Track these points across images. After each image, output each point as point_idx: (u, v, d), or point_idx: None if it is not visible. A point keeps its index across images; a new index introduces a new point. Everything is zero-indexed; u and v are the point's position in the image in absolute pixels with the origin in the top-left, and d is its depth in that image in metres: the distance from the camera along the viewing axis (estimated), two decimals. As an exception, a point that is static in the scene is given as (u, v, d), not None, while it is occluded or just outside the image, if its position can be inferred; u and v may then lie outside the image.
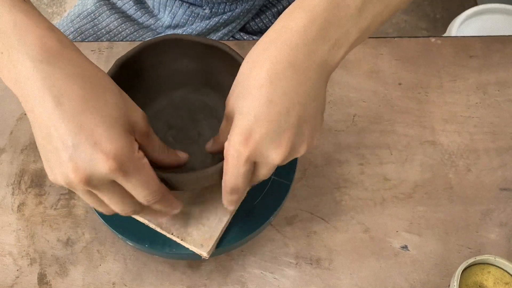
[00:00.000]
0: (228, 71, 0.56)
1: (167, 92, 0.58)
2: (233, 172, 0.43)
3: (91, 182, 0.40)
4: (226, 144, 0.43)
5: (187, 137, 0.57)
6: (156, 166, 0.46)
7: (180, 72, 0.57)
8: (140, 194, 0.42)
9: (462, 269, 0.50)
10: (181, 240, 0.52)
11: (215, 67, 0.56)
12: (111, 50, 0.70)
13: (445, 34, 1.30)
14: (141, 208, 0.44)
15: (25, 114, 0.66)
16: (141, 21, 0.81)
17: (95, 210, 0.54)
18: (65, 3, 1.79)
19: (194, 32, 0.78)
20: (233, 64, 0.54)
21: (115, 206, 0.43)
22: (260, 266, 0.57)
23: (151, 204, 0.44)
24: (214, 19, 0.77)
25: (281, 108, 0.40)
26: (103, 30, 0.80)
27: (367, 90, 0.68)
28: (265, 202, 0.55)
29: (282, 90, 0.40)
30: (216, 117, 0.57)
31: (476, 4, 1.71)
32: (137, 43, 0.54)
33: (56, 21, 1.74)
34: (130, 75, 0.54)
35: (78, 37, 0.80)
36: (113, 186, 0.41)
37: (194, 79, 0.57)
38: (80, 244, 0.58)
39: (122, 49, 0.70)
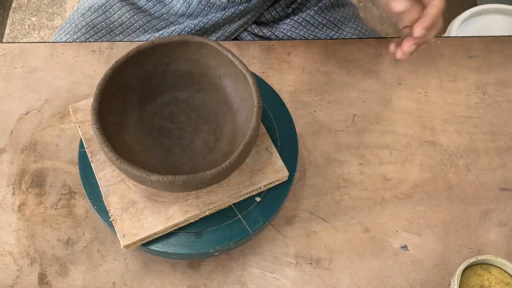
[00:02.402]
0: (225, 72, 0.56)
1: (168, 92, 0.58)
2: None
3: None
4: None
5: (181, 137, 0.57)
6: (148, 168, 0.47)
7: (181, 72, 0.57)
8: None
9: (463, 269, 0.50)
10: (112, 220, 0.52)
11: (212, 68, 0.56)
12: (111, 50, 0.70)
13: (445, 34, 1.30)
14: None
15: (25, 114, 0.66)
16: (152, 11, 0.81)
17: (95, 209, 0.54)
18: (65, 3, 1.79)
19: (209, 22, 0.78)
20: (228, 63, 0.54)
21: None
22: (260, 266, 0.57)
23: None
24: (231, 9, 0.77)
25: None
26: (115, 23, 0.80)
27: (367, 90, 0.68)
28: (265, 202, 0.55)
29: None
30: (213, 119, 0.57)
31: (476, 4, 1.71)
32: (137, 44, 0.54)
33: (57, 21, 1.74)
34: (130, 75, 0.54)
35: (91, 31, 0.79)
36: None
37: (194, 79, 0.58)
38: (81, 244, 0.58)
39: (123, 49, 0.70)
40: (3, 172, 0.62)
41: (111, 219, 0.52)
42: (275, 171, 0.55)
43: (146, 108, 0.57)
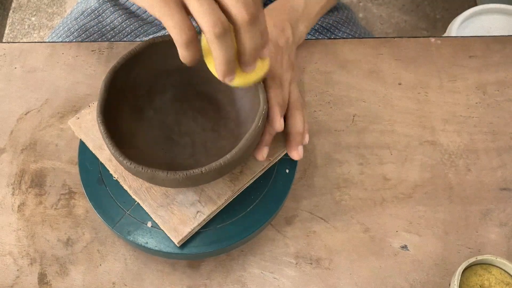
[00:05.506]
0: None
1: (167, 91, 0.58)
2: None
3: None
4: None
5: (185, 132, 0.57)
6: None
7: (179, 71, 0.57)
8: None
9: (463, 269, 0.50)
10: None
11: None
12: (111, 50, 0.70)
13: (445, 34, 1.30)
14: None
15: (25, 114, 0.66)
16: (145, 17, 0.81)
17: (95, 209, 0.54)
18: (65, 3, 1.79)
19: None
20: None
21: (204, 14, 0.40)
22: (260, 266, 0.57)
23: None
24: None
25: None
26: (107, 27, 0.80)
27: (367, 90, 0.68)
28: (265, 202, 0.55)
29: None
30: (207, 117, 0.57)
31: (476, 4, 1.71)
32: (137, 43, 0.54)
33: (57, 21, 1.74)
34: (130, 74, 0.54)
35: (83, 34, 0.80)
36: None
37: (190, 79, 0.57)
38: (80, 244, 0.58)
39: (123, 49, 0.70)
40: (3, 172, 0.62)
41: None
42: (173, 229, 0.52)
43: (149, 106, 0.57)
